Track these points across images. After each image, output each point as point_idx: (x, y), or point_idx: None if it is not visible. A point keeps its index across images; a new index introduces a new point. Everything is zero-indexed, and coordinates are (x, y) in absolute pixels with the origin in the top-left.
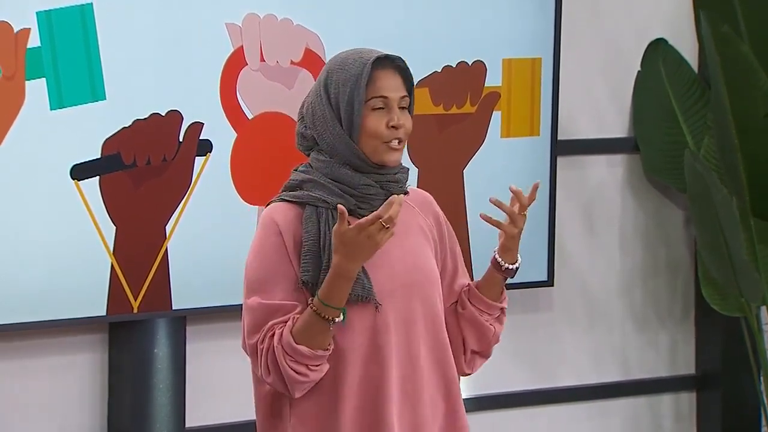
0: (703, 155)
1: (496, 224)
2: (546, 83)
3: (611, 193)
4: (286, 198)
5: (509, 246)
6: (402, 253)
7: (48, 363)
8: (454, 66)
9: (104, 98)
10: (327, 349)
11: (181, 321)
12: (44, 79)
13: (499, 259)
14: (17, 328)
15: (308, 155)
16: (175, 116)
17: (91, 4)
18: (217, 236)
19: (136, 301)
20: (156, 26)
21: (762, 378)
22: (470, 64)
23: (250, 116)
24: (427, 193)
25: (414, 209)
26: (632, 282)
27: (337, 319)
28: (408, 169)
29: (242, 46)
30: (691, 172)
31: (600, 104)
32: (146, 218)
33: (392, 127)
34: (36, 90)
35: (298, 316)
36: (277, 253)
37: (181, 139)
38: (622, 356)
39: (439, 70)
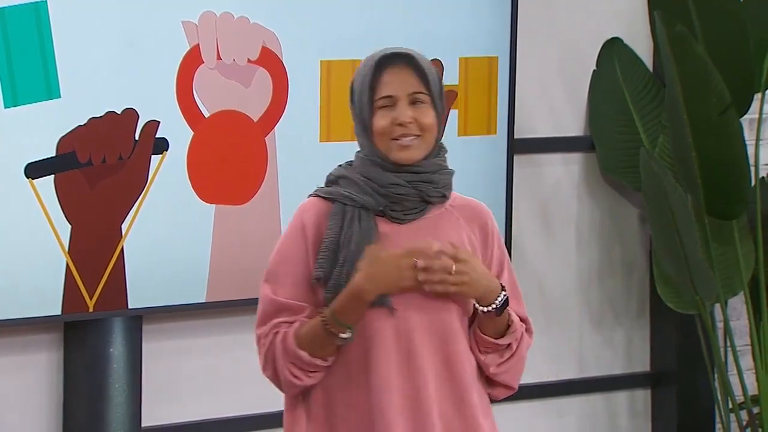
0: (658, 154)
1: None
2: (502, 82)
3: (567, 191)
4: (319, 194)
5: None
6: None
7: (2, 363)
8: None
9: (59, 96)
10: (326, 360)
11: (137, 320)
12: None
13: (474, 302)
14: None
15: None
16: (131, 114)
17: (46, 1)
18: (174, 235)
19: (91, 300)
20: (112, 24)
21: (716, 375)
22: None
23: (206, 114)
24: (483, 206)
25: (459, 220)
26: (588, 280)
27: (342, 335)
28: (453, 171)
29: (198, 44)
30: (646, 171)
31: (556, 103)
32: (102, 217)
33: (398, 124)
34: None
35: (306, 319)
36: (297, 248)
37: (137, 138)
38: (578, 354)
39: None
